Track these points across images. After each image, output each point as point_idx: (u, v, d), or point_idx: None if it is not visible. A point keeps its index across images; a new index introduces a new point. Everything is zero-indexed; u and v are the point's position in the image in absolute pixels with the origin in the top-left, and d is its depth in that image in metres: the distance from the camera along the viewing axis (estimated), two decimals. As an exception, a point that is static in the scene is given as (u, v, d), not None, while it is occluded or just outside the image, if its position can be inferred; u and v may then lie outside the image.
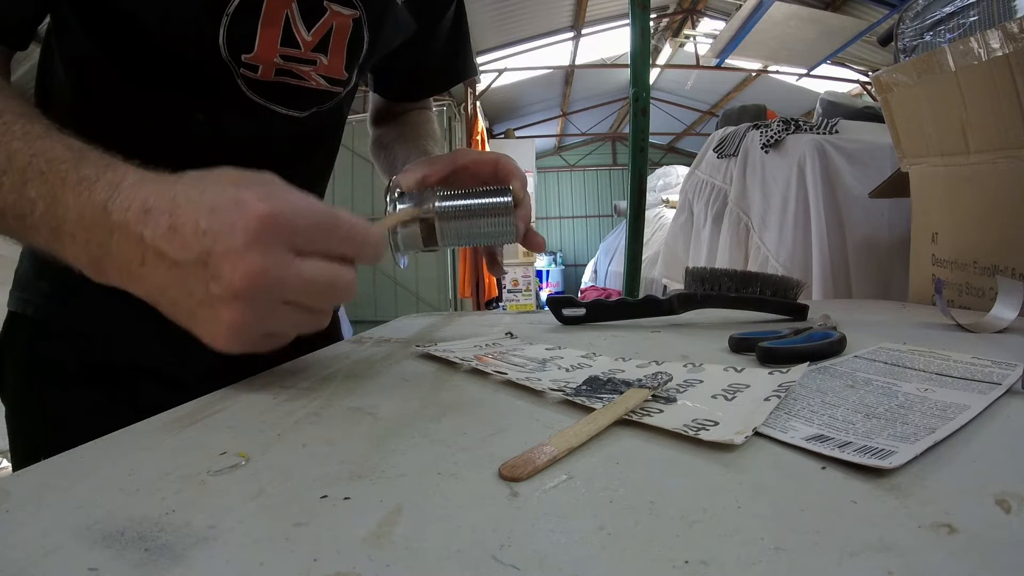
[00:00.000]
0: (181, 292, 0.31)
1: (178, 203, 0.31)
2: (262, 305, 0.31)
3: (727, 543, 0.19)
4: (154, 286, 0.32)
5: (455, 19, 0.67)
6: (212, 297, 0.30)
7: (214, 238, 0.30)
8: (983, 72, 0.74)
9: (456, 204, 0.45)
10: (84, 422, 0.36)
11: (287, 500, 0.23)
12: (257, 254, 0.30)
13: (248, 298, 0.30)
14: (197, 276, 0.30)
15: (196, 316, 0.32)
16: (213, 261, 0.30)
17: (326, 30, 0.51)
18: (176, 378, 0.54)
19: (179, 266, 0.30)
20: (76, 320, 0.52)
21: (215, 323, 0.31)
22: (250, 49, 0.48)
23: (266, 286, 0.30)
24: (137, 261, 0.31)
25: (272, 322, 0.32)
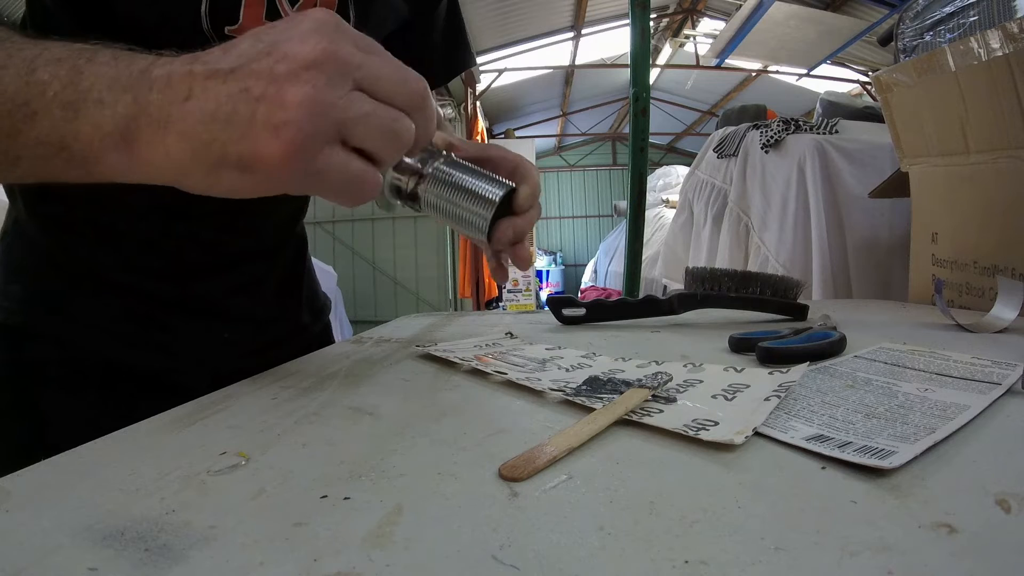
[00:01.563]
0: (237, 99, 0.27)
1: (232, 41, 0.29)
2: (335, 80, 0.28)
3: (727, 543, 0.19)
4: (200, 115, 0.27)
5: (449, 9, 0.67)
6: (278, 79, 0.27)
7: (281, 31, 0.28)
8: (983, 72, 0.74)
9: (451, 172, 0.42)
10: (76, 425, 0.35)
11: (287, 500, 0.23)
12: (327, 32, 0.28)
13: (321, 67, 0.27)
14: (258, 69, 0.27)
15: (255, 119, 0.27)
16: (278, 47, 0.27)
17: (311, 5, 0.50)
18: (162, 374, 0.54)
19: (236, 72, 0.27)
20: (53, 323, 0.51)
21: (283, 109, 0.27)
22: (234, 20, 0.47)
23: (339, 57, 0.28)
24: (182, 98, 0.28)
25: (349, 108, 0.28)
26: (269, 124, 0.27)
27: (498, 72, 6.26)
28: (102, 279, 0.52)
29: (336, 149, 0.29)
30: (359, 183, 0.30)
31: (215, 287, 0.56)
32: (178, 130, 0.28)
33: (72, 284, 0.52)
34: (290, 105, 0.27)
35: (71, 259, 0.52)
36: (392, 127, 0.30)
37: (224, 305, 0.57)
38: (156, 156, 0.28)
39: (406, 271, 4.72)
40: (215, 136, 0.28)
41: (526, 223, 0.45)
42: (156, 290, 0.53)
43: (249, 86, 0.27)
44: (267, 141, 0.27)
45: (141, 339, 0.53)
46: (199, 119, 0.28)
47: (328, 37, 0.28)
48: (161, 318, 0.54)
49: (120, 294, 0.52)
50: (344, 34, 0.29)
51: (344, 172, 0.29)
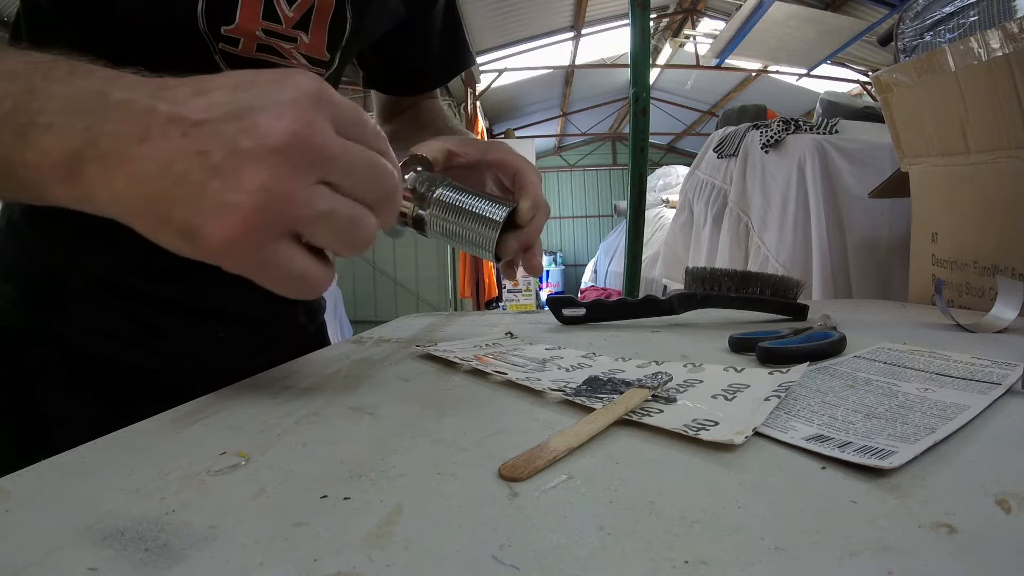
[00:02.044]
0: (192, 160, 0.25)
1: (207, 80, 0.27)
2: (300, 171, 0.26)
3: (727, 543, 0.19)
4: (150, 164, 0.25)
5: (447, 9, 0.67)
6: (239, 155, 0.25)
7: (258, 93, 0.26)
8: (983, 72, 0.74)
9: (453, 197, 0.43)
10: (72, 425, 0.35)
11: (287, 500, 0.23)
12: (305, 110, 0.26)
13: (287, 154, 0.25)
14: (223, 134, 0.25)
15: (205, 192, 0.25)
16: (250, 114, 0.25)
17: (308, 6, 0.50)
18: (158, 374, 0.54)
19: (199, 127, 0.25)
20: (48, 324, 0.51)
21: (235, 192, 0.25)
22: (231, 20, 0.46)
23: (311, 143, 0.26)
24: (137, 137, 0.25)
25: (307, 204, 0.26)
26: (218, 202, 0.25)
27: (498, 72, 6.26)
28: (96, 279, 0.52)
29: (283, 244, 0.27)
30: (301, 282, 0.28)
31: (209, 286, 0.56)
32: (127, 173, 0.26)
33: (66, 284, 0.52)
34: (244, 189, 0.25)
35: (65, 259, 0.52)
36: (351, 228, 0.28)
37: (219, 304, 0.57)
38: (101, 194, 0.26)
39: (406, 271, 4.72)
40: (162, 194, 0.26)
41: (531, 233, 0.45)
42: (151, 290, 0.53)
43: (208, 150, 0.25)
44: (212, 219, 0.25)
45: (136, 339, 0.53)
46: (151, 169, 0.25)
47: (305, 115, 0.26)
48: (156, 318, 0.54)
49: (114, 294, 0.52)
50: (324, 110, 0.27)
51: (287, 269, 0.28)
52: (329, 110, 0.27)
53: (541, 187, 0.48)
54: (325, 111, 0.27)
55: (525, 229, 0.45)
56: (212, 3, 0.46)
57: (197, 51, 0.47)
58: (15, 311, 0.51)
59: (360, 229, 0.28)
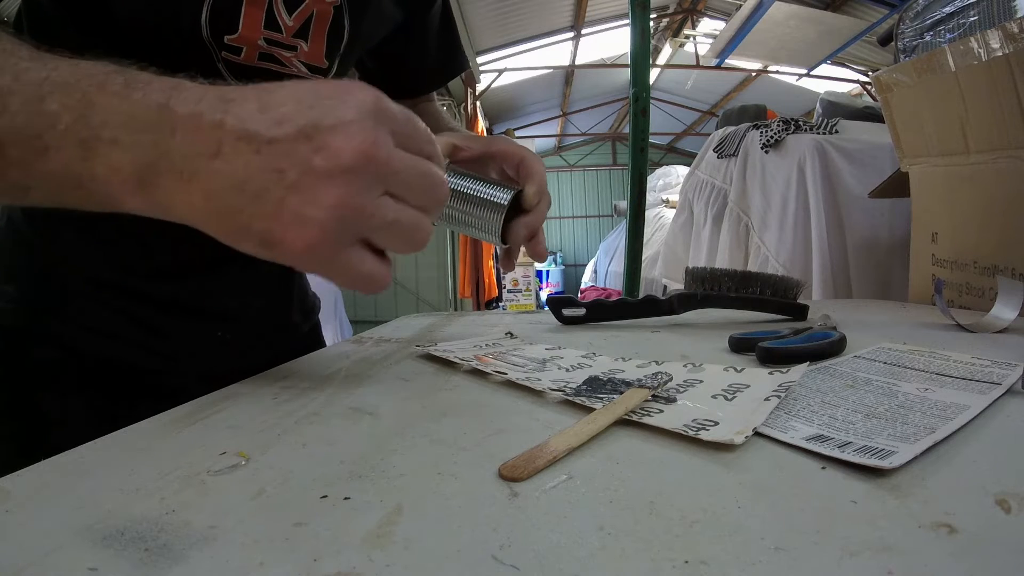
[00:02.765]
0: (268, 179, 0.26)
1: (267, 91, 0.28)
2: (369, 186, 0.28)
3: (727, 543, 0.19)
4: (227, 182, 0.27)
5: (443, 11, 0.67)
6: (314, 174, 0.26)
7: (323, 112, 0.27)
8: (983, 72, 0.74)
9: (457, 183, 0.44)
10: (72, 425, 0.35)
11: (287, 500, 0.23)
12: (370, 129, 0.27)
13: (358, 173, 0.27)
14: (296, 153, 0.26)
15: (284, 208, 0.27)
16: (320, 133, 0.27)
17: (307, 15, 0.50)
18: (157, 374, 0.54)
19: (272, 145, 0.26)
20: (48, 323, 0.51)
21: (313, 208, 0.27)
22: (234, 30, 0.47)
23: (378, 160, 0.27)
24: (209, 153, 0.27)
25: (375, 215, 0.28)
26: (297, 215, 0.27)
27: (498, 72, 6.26)
28: (96, 279, 0.52)
29: (355, 249, 0.30)
30: (370, 281, 0.31)
31: (207, 286, 0.56)
32: (203, 188, 0.27)
33: (66, 284, 0.52)
34: (322, 205, 0.27)
35: (65, 259, 0.52)
36: (412, 234, 0.30)
37: (217, 304, 0.57)
38: (178, 206, 0.28)
39: (406, 271, 4.72)
40: (241, 207, 0.27)
41: (537, 219, 0.47)
42: (150, 290, 0.53)
43: (284, 168, 0.27)
44: (292, 230, 0.27)
45: (136, 339, 0.53)
46: (227, 184, 0.27)
47: (372, 134, 0.27)
48: (155, 318, 0.54)
49: (114, 294, 0.52)
50: (385, 124, 0.29)
51: (358, 271, 0.30)
52: (389, 123, 0.29)
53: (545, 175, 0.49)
54: (386, 125, 0.29)
55: (531, 215, 0.46)
56: (216, 12, 0.46)
57: (200, 59, 0.48)
58: (15, 311, 0.51)
59: (419, 232, 0.31)
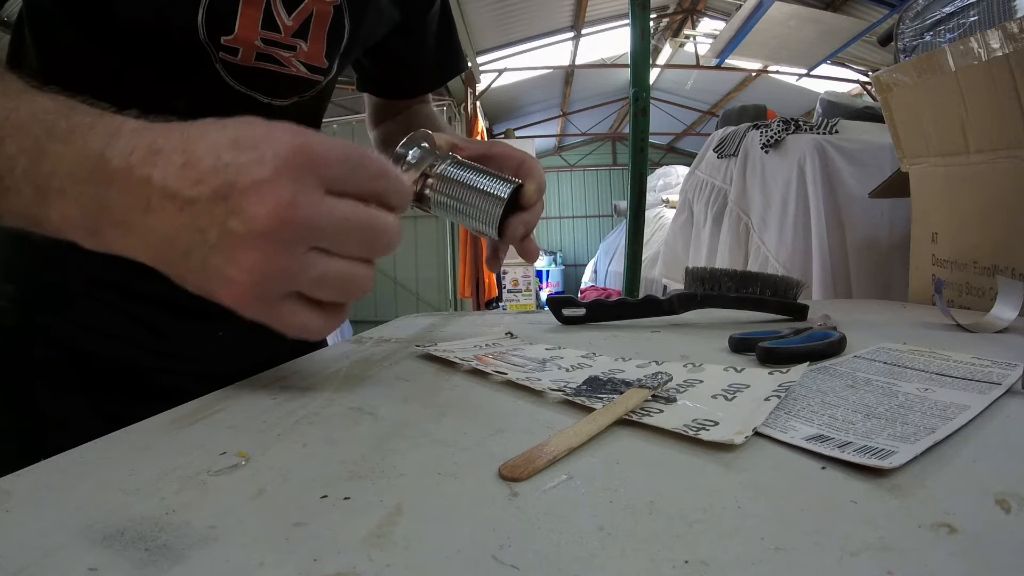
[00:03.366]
0: (193, 238, 0.27)
1: (193, 140, 0.28)
2: (289, 247, 0.28)
3: (727, 543, 0.19)
4: (160, 236, 0.28)
5: (442, 12, 0.67)
6: (231, 237, 0.27)
7: (237, 170, 0.27)
8: (983, 72, 0.74)
9: (458, 173, 0.43)
10: (72, 425, 0.35)
11: (287, 500, 0.23)
12: (286, 187, 0.27)
13: (274, 237, 0.27)
14: (214, 214, 0.27)
15: (209, 266, 0.28)
16: (235, 194, 0.27)
17: (306, 15, 0.50)
18: (158, 373, 0.54)
19: (193, 204, 0.27)
20: (49, 323, 0.51)
21: (233, 269, 0.27)
22: (230, 31, 0.47)
23: (295, 223, 0.27)
24: (140, 209, 0.27)
25: (299, 273, 0.28)
26: (220, 275, 0.28)
27: (498, 72, 6.26)
28: (96, 278, 0.52)
29: (285, 303, 0.30)
30: (304, 332, 0.31)
31: None
32: (141, 240, 0.28)
33: (66, 283, 0.52)
34: (241, 267, 0.27)
35: (65, 258, 0.52)
36: (345, 286, 0.30)
37: (216, 303, 0.57)
38: (125, 250, 0.29)
39: (406, 271, 4.72)
40: (175, 260, 0.29)
41: (534, 217, 0.47)
42: (149, 289, 0.53)
43: (204, 228, 0.27)
44: (220, 287, 0.29)
45: (135, 338, 0.53)
46: (159, 238, 0.28)
47: (287, 194, 0.27)
48: (155, 317, 0.54)
49: (114, 293, 0.52)
50: (309, 175, 0.28)
51: (290, 323, 0.30)
52: (315, 171, 0.28)
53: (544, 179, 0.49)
54: (310, 176, 0.28)
55: (528, 212, 0.46)
56: (212, 13, 0.46)
57: (198, 59, 0.48)
58: (16, 310, 0.51)
59: (354, 284, 0.30)
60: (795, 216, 1.58)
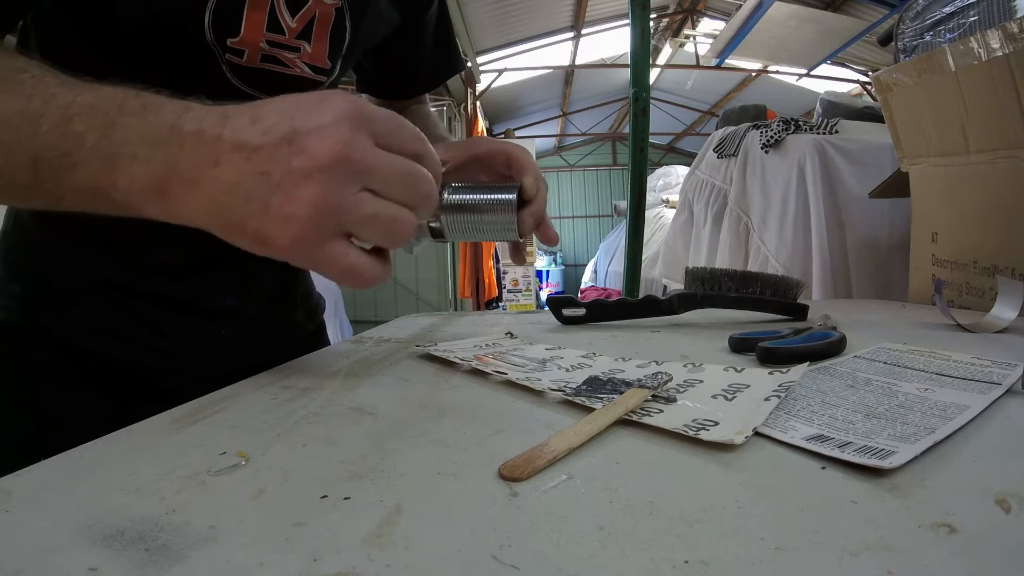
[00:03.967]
0: (257, 180, 0.30)
1: (260, 107, 0.31)
2: (345, 183, 0.30)
3: (727, 543, 0.19)
4: (224, 187, 0.30)
5: (440, 13, 0.68)
6: (293, 174, 0.29)
7: (301, 119, 0.30)
8: (983, 72, 0.74)
9: (462, 198, 0.45)
10: (75, 424, 0.35)
11: (287, 500, 0.23)
12: (344, 130, 0.30)
13: (333, 171, 0.30)
14: (278, 156, 0.30)
15: (270, 207, 0.30)
16: (299, 138, 0.30)
17: (310, 17, 0.51)
18: (160, 373, 0.54)
19: (259, 151, 0.30)
20: (53, 322, 0.51)
21: (293, 205, 0.30)
22: (236, 33, 0.48)
23: (351, 160, 0.30)
24: (210, 163, 0.30)
25: (353, 209, 0.31)
26: (281, 213, 0.30)
27: (498, 72, 6.25)
28: (100, 278, 0.52)
29: (337, 242, 0.32)
30: (354, 273, 0.33)
31: (211, 284, 0.56)
32: (206, 193, 0.30)
33: (71, 283, 0.52)
34: (300, 202, 0.30)
35: (70, 258, 0.52)
36: (391, 227, 0.32)
37: (220, 303, 0.57)
38: (187, 210, 0.31)
39: (406, 271, 4.72)
40: (236, 207, 0.30)
41: (540, 206, 0.48)
42: (153, 288, 0.53)
43: (268, 170, 0.30)
44: (278, 227, 0.30)
45: (139, 337, 0.53)
46: (224, 188, 0.30)
47: (346, 135, 0.30)
48: (158, 316, 0.54)
49: (118, 292, 0.52)
50: (363, 127, 0.31)
51: (341, 263, 0.32)
52: (367, 126, 0.31)
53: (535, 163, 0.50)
54: (363, 127, 0.31)
55: (533, 203, 0.47)
56: (218, 15, 0.47)
57: (205, 61, 0.48)
58: (20, 309, 0.51)
59: (399, 226, 0.32)
60: (795, 216, 1.58)
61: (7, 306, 0.52)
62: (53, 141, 0.31)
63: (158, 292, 0.54)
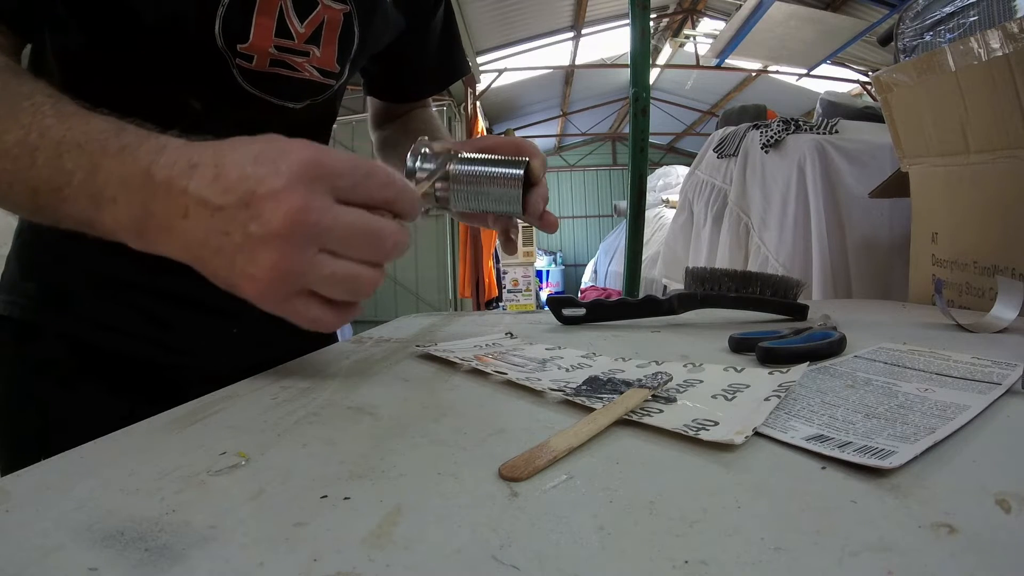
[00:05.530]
0: (221, 240, 0.31)
1: (223, 155, 0.32)
2: (301, 248, 0.31)
3: (727, 543, 0.19)
4: (195, 238, 0.32)
5: (445, 18, 0.69)
6: (252, 239, 0.31)
7: (257, 181, 0.30)
8: (983, 72, 0.74)
9: (470, 168, 0.46)
10: (84, 422, 0.36)
11: (287, 500, 0.23)
12: (299, 195, 0.30)
13: (287, 238, 0.30)
14: (238, 219, 0.31)
15: (235, 264, 0.31)
16: (255, 202, 0.30)
17: (318, 22, 0.52)
18: (169, 369, 0.54)
19: (221, 211, 0.31)
20: (65, 320, 0.52)
21: (254, 267, 0.31)
22: (245, 39, 0.49)
23: (306, 226, 0.30)
24: (180, 214, 0.31)
25: (312, 272, 0.32)
26: (244, 272, 0.32)
27: (498, 72, 6.26)
28: (111, 276, 0.52)
29: (299, 299, 0.33)
30: (316, 325, 0.34)
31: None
32: (180, 240, 0.32)
33: (82, 281, 0.53)
34: (260, 266, 0.31)
35: (83, 256, 0.52)
36: (351, 285, 0.33)
37: (230, 300, 0.57)
38: (167, 249, 0.33)
39: (406, 271, 4.72)
40: (207, 258, 0.32)
41: (544, 190, 0.50)
42: (163, 286, 0.54)
43: (230, 231, 0.31)
44: (243, 282, 0.32)
45: (149, 334, 0.54)
46: (195, 240, 0.32)
47: (301, 200, 0.30)
48: (169, 314, 0.54)
49: (128, 290, 0.53)
50: (321, 184, 0.31)
51: (304, 316, 0.34)
52: (326, 181, 0.31)
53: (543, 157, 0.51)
54: (321, 184, 0.31)
55: (541, 186, 0.49)
56: (227, 22, 0.48)
57: (215, 65, 0.49)
58: (34, 307, 0.52)
59: (359, 284, 0.33)
60: (795, 216, 1.58)
61: (22, 304, 0.52)
62: (47, 175, 0.33)
63: (168, 289, 0.54)
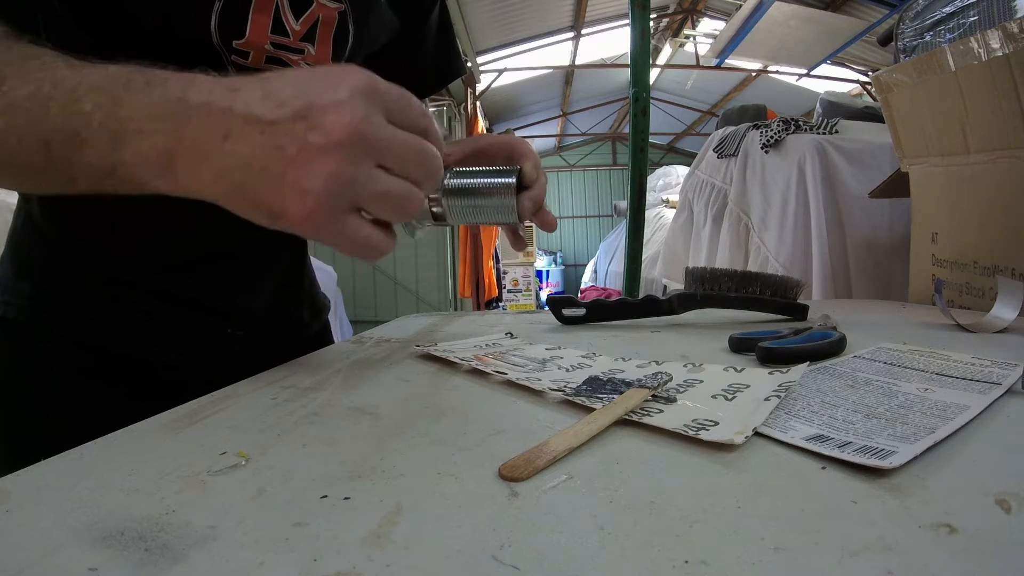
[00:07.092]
0: (271, 155, 0.30)
1: (269, 80, 0.31)
2: (359, 159, 0.30)
3: (727, 543, 0.19)
4: (236, 161, 0.30)
5: (440, 19, 0.69)
6: (309, 148, 0.29)
7: (318, 93, 0.30)
8: (983, 72, 0.74)
9: (462, 182, 0.46)
10: (83, 422, 0.35)
11: (287, 500, 0.23)
12: (361, 106, 0.30)
13: (349, 147, 0.30)
14: (294, 131, 0.30)
15: (284, 180, 0.30)
16: (315, 113, 0.30)
17: (313, 20, 0.52)
18: (167, 370, 0.54)
19: (274, 125, 0.30)
20: (61, 320, 0.52)
21: (309, 179, 0.30)
22: (241, 35, 0.49)
23: (368, 138, 0.30)
24: (219, 136, 0.30)
25: (368, 185, 0.31)
26: (296, 187, 0.30)
27: (498, 72, 6.25)
28: (109, 276, 0.52)
29: (351, 217, 0.32)
30: (367, 245, 0.33)
31: (218, 283, 0.56)
32: (215, 166, 0.30)
33: (80, 281, 0.52)
34: (316, 177, 0.30)
35: (79, 256, 0.52)
36: (401, 203, 0.33)
37: (228, 301, 0.57)
38: (195, 183, 0.31)
39: (406, 271, 4.72)
40: (248, 181, 0.30)
41: (540, 191, 0.49)
42: (162, 286, 0.54)
43: (283, 145, 0.30)
44: (293, 201, 0.30)
45: (147, 335, 0.54)
46: (235, 162, 0.30)
47: (362, 111, 0.30)
48: (168, 314, 0.54)
49: (127, 290, 0.53)
50: (377, 103, 0.31)
51: (355, 236, 0.32)
52: (380, 102, 0.31)
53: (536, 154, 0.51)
54: (377, 103, 0.31)
55: (533, 189, 0.48)
56: (223, 18, 0.47)
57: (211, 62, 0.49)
58: (29, 307, 0.52)
59: (408, 202, 0.33)
60: (795, 216, 1.58)
61: (16, 304, 0.52)
62: (62, 123, 0.31)
63: (166, 289, 0.54)
